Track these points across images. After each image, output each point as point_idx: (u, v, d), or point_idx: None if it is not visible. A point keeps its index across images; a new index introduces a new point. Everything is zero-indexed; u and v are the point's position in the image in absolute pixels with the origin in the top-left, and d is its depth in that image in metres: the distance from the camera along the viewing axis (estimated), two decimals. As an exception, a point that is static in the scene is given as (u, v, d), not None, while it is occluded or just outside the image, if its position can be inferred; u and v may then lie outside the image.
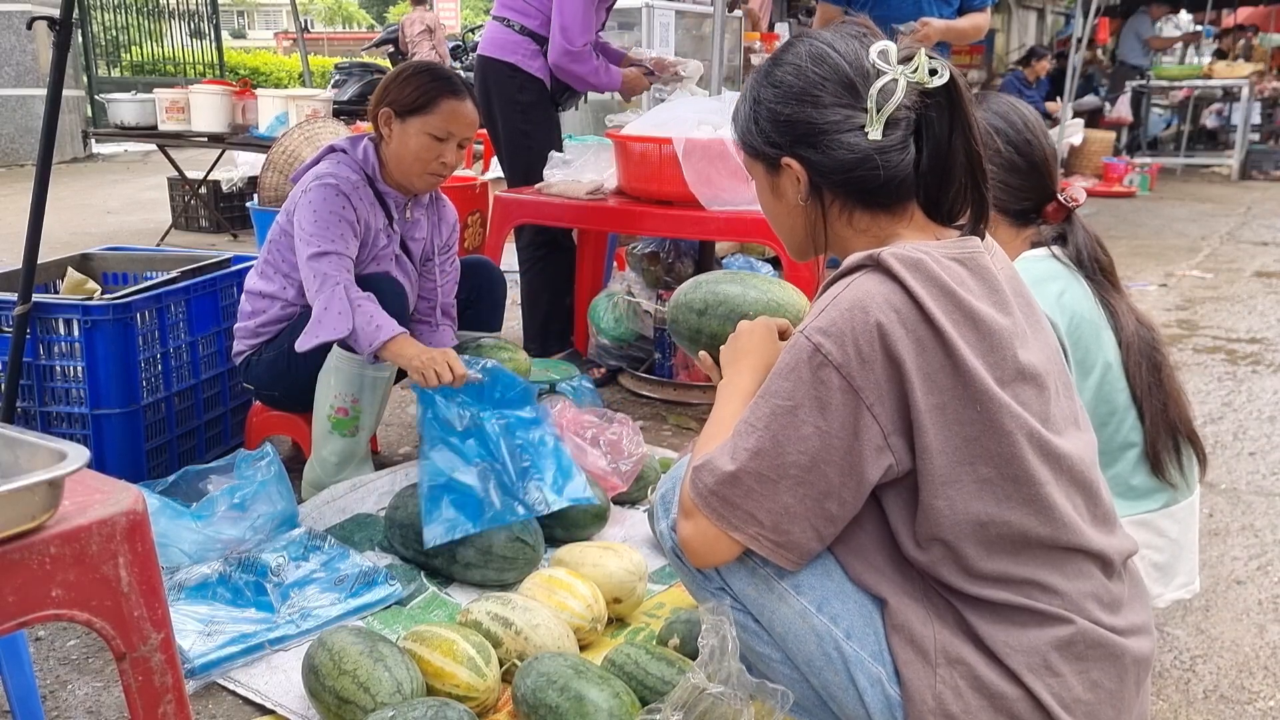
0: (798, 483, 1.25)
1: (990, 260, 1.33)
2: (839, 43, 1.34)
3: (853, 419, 1.23)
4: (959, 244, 1.33)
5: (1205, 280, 5.79)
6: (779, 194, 1.41)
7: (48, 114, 2.38)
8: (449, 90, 2.52)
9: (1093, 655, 1.27)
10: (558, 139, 3.71)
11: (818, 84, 1.32)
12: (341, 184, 2.48)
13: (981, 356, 1.24)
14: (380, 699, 1.63)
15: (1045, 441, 1.26)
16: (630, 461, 2.58)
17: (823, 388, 1.23)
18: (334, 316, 2.36)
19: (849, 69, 1.31)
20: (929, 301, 1.23)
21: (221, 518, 2.16)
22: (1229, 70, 11.39)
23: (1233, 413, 3.54)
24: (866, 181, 1.32)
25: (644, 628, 2.06)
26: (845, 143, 1.31)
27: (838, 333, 1.23)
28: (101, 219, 7.64)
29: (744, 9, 7.13)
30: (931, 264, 1.26)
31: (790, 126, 1.34)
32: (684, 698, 1.33)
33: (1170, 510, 1.80)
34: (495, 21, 3.60)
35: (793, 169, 1.36)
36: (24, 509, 1.03)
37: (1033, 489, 1.25)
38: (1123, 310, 1.78)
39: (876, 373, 1.22)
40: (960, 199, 1.36)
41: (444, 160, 2.55)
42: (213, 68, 12.06)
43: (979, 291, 1.28)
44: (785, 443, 1.25)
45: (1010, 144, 1.80)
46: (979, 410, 1.23)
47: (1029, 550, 1.26)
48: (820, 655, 1.31)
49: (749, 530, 1.28)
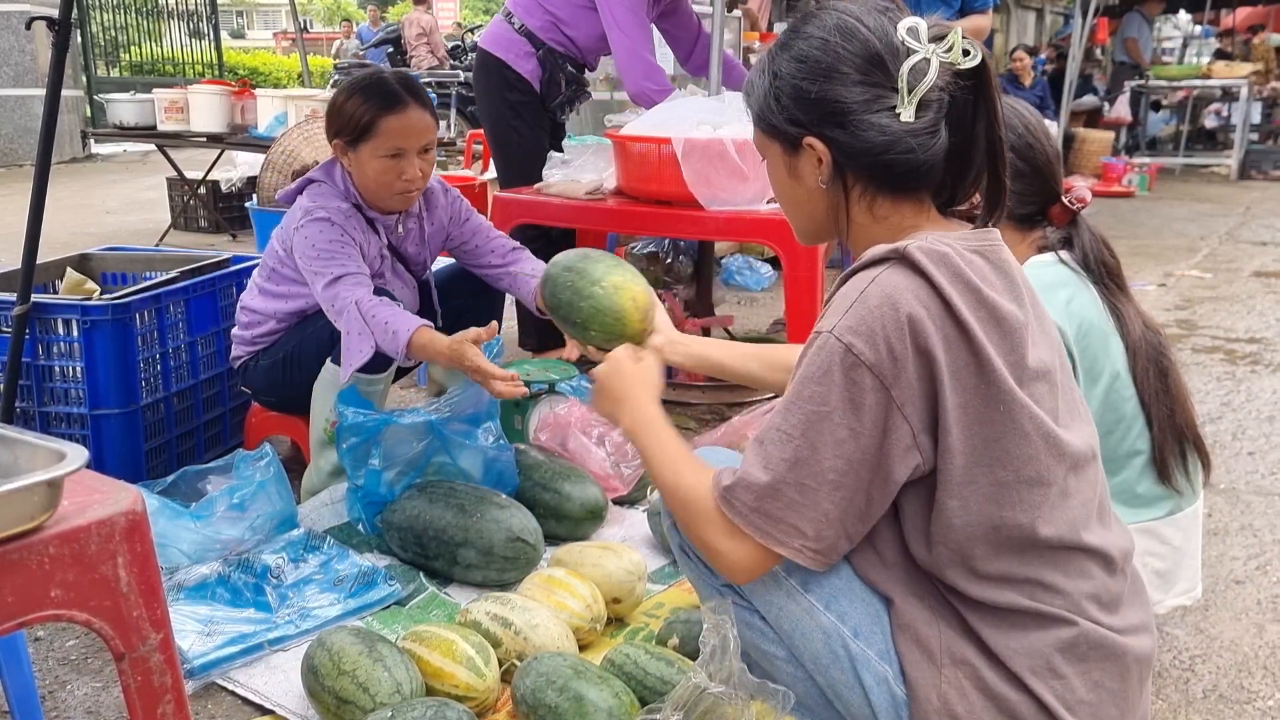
0: (835, 487, 1.22)
1: (1008, 253, 1.31)
2: (867, 17, 1.26)
3: (884, 418, 1.20)
4: (979, 236, 1.29)
5: (1204, 280, 5.79)
6: (796, 176, 1.34)
7: (47, 114, 2.38)
8: (385, 107, 2.40)
9: (1094, 656, 1.27)
10: (548, 140, 3.68)
11: (846, 59, 1.24)
12: (333, 215, 2.43)
13: (1003, 355, 1.22)
14: (379, 699, 1.63)
15: (1057, 440, 1.25)
16: (633, 465, 2.58)
17: (855, 389, 1.20)
18: (355, 340, 2.33)
19: (879, 45, 1.24)
20: (955, 297, 1.20)
21: (220, 518, 2.16)
22: (1228, 70, 11.39)
23: (1231, 412, 3.54)
24: (897, 166, 1.25)
25: (643, 628, 2.06)
26: (876, 124, 1.24)
27: (868, 331, 1.19)
28: (100, 219, 7.64)
29: (743, 9, 7.12)
30: (956, 258, 1.22)
31: (816, 104, 1.26)
32: (685, 697, 1.33)
33: (1174, 518, 1.80)
34: (501, 16, 3.59)
35: (815, 150, 1.29)
36: (23, 509, 1.03)
37: (1045, 490, 1.24)
38: (1130, 315, 1.77)
39: (909, 371, 1.19)
40: (974, 188, 1.32)
41: (407, 176, 2.45)
42: (212, 68, 12.06)
43: (1000, 286, 1.25)
44: (822, 448, 1.22)
45: (1012, 148, 1.79)
46: (1001, 411, 1.21)
47: (1034, 550, 1.26)
48: (827, 653, 1.31)
49: (794, 544, 1.25)
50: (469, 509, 2.18)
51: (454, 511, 2.18)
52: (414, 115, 2.43)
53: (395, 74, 2.52)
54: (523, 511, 2.23)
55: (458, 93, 9.07)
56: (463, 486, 2.28)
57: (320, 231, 2.41)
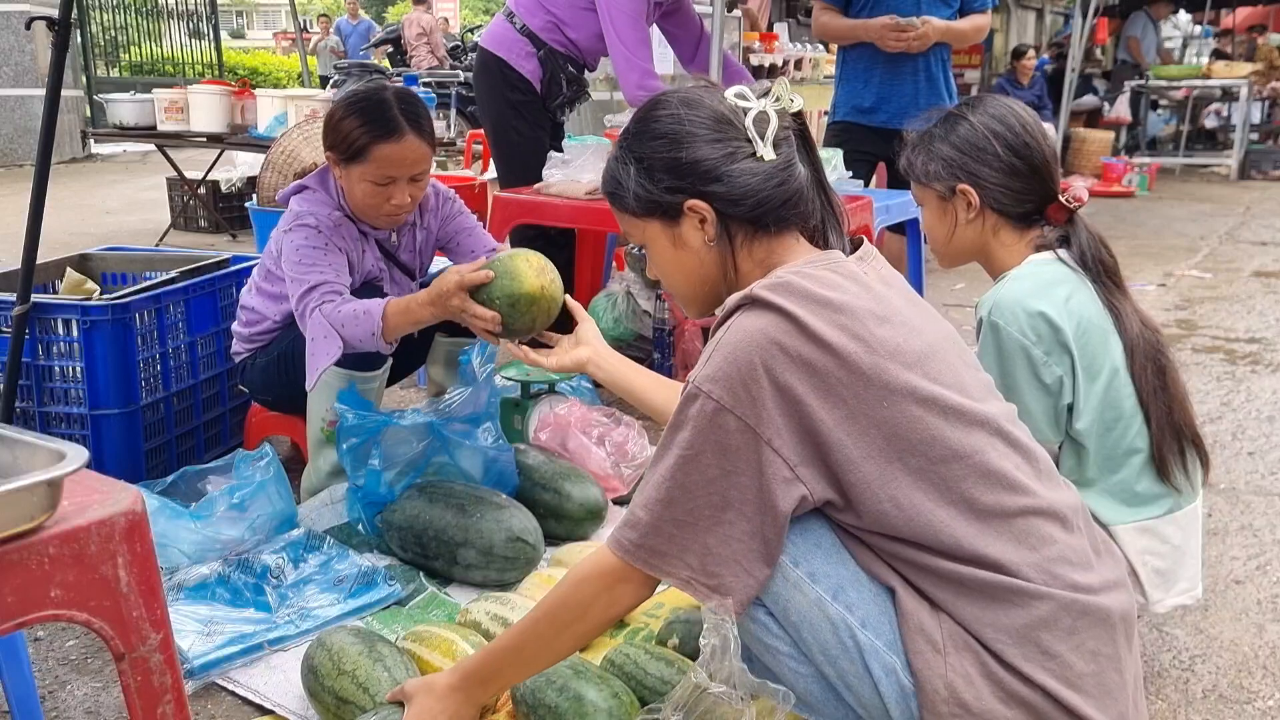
0: (715, 523, 1.28)
1: (853, 265, 1.39)
2: (698, 93, 1.42)
3: (755, 456, 1.26)
4: (823, 257, 1.39)
5: (1204, 280, 5.79)
6: (682, 244, 1.44)
7: (46, 114, 2.38)
8: (380, 134, 2.33)
9: (1083, 625, 1.29)
10: (549, 140, 3.69)
11: (699, 124, 1.38)
12: (321, 222, 2.42)
13: (874, 352, 1.27)
14: (380, 699, 1.63)
15: (967, 410, 1.30)
16: (634, 465, 2.58)
17: (721, 432, 1.27)
18: (322, 343, 2.33)
19: (721, 107, 1.40)
20: (809, 318, 1.27)
21: (220, 518, 2.16)
22: (1228, 70, 11.39)
23: (1231, 412, 3.54)
24: (775, 200, 1.38)
25: (643, 628, 2.06)
26: (745, 169, 1.37)
27: (724, 377, 1.27)
28: (100, 219, 7.64)
29: (742, 9, 7.12)
30: (800, 281, 1.30)
31: (689, 167, 1.38)
32: (685, 697, 1.33)
33: (1173, 516, 1.80)
34: (502, 15, 3.59)
35: (698, 210, 1.40)
36: (23, 509, 1.03)
37: (963, 463, 1.28)
38: (1127, 313, 1.77)
39: (769, 408, 1.26)
40: (826, 215, 1.45)
41: (395, 202, 2.40)
42: (211, 68, 12.06)
43: (853, 291, 1.32)
44: (693, 488, 1.28)
45: (1009, 147, 1.80)
46: (886, 405, 1.26)
47: (985, 521, 1.28)
48: (836, 644, 1.31)
49: (682, 574, 1.30)
50: (469, 509, 2.18)
51: (454, 512, 2.18)
52: (409, 146, 2.36)
53: (398, 94, 2.43)
54: (523, 511, 2.23)
55: (458, 93, 9.07)
56: (462, 486, 2.28)
57: (305, 238, 2.40)
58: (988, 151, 1.80)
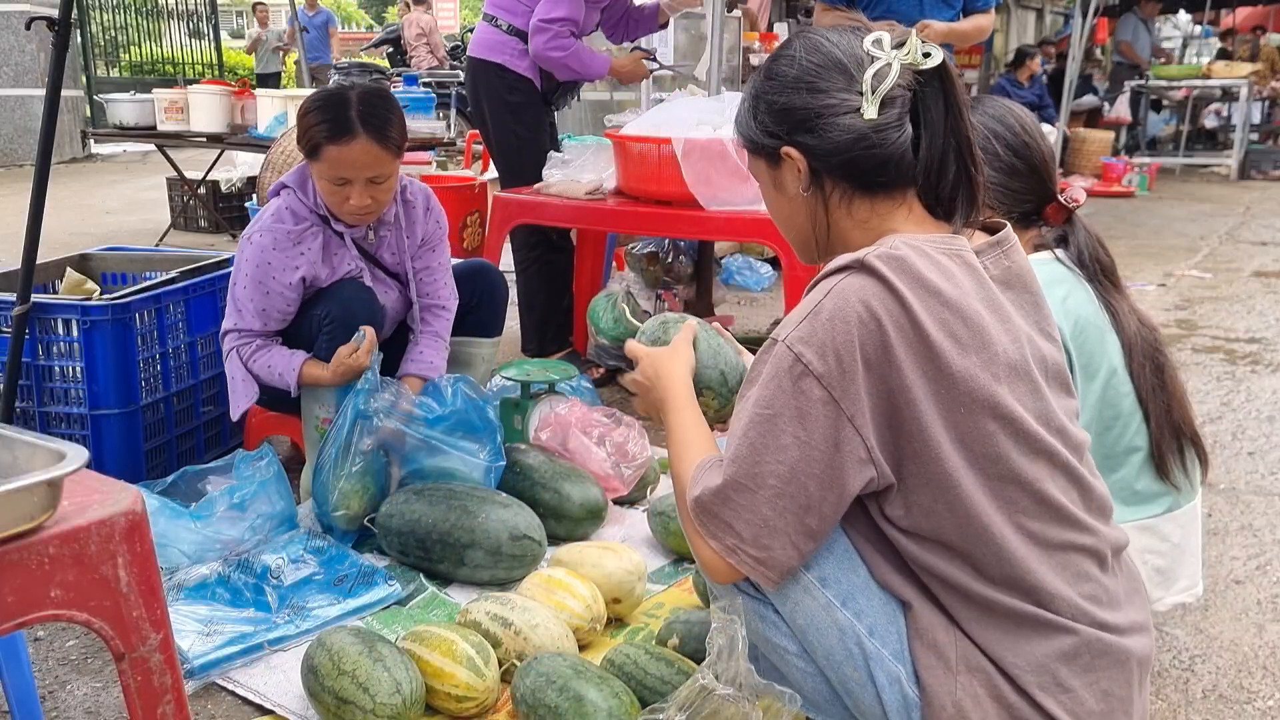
0: (776, 494, 1.24)
1: (974, 256, 1.32)
2: (834, 34, 1.36)
3: (833, 431, 1.22)
4: (947, 240, 1.32)
5: (1204, 280, 5.79)
6: (781, 188, 1.41)
7: (46, 114, 2.38)
8: (330, 135, 2.30)
9: (1101, 664, 1.27)
10: (551, 140, 3.69)
11: (813, 71, 1.33)
12: (278, 239, 2.41)
13: (968, 355, 1.23)
14: (379, 699, 1.63)
15: (1036, 438, 1.26)
16: (634, 466, 2.58)
17: (803, 398, 1.22)
18: (240, 384, 2.47)
19: (843, 56, 1.33)
20: (915, 303, 1.22)
21: (220, 518, 2.16)
22: (1228, 70, 11.39)
23: (1231, 412, 3.54)
24: (863, 162, 1.31)
25: (643, 628, 2.06)
26: (841, 124, 1.31)
27: (818, 342, 1.22)
28: (100, 219, 7.64)
29: (742, 9, 7.12)
30: (916, 260, 1.25)
31: (787, 114, 1.35)
32: (690, 698, 1.33)
33: (1173, 514, 1.80)
34: (484, 21, 3.59)
35: (792, 158, 1.35)
36: (23, 509, 1.03)
37: (1026, 487, 1.25)
38: (1124, 312, 1.78)
39: (858, 384, 1.21)
40: (958, 188, 1.35)
41: (352, 203, 2.36)
42: (211, 68, 12.09)
43: (967, 286, 1.27)
44: (763, 450, 1.24)
45: (1009, 147, 1.80)
46: (964, 412, 1.22)
47: (1032, 549, 1.26)
48: (841, 649, 1.31)
49: (728, 541, 1.27)
50: (472, 510, 2.18)
51: (457, 513, 2.18)
52: (358, 148, 2.31)
53: (363, 95, 2.38)
54: (524, 508, 2.24)
55: (457, 93, 9.07)
56: (462, 487, 2.28)
57: (256, 263, 2.42)
58: (987, 151, 1.80)
